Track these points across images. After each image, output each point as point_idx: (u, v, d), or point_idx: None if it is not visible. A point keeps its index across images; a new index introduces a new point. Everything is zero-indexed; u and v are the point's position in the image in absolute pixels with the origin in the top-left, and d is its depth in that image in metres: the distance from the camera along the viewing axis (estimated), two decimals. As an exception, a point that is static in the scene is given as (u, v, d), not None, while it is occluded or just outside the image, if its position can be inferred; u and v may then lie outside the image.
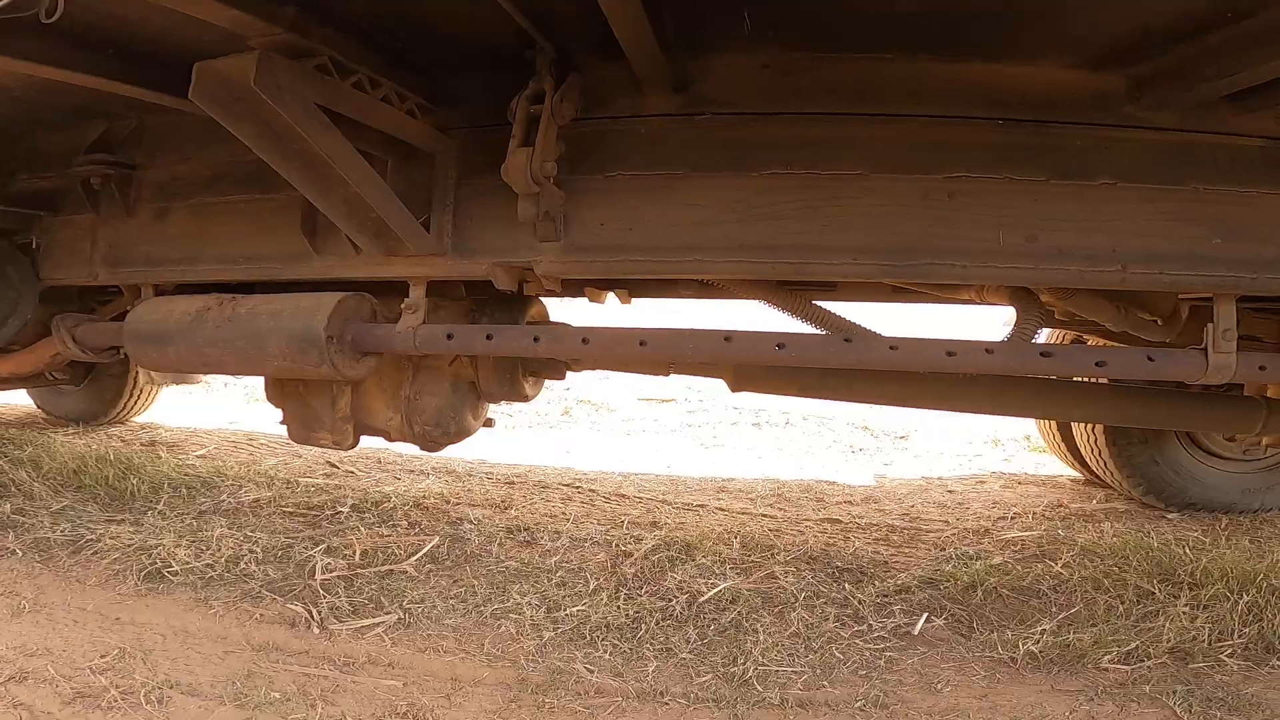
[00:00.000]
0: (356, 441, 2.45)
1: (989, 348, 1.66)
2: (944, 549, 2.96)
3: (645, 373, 2.54)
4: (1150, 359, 1.66)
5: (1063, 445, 3.96)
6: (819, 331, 1.99)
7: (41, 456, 3.65)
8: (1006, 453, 4.85)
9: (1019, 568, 2.71)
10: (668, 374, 2.46)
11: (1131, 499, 3.58)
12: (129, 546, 2.73)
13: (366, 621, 2.33)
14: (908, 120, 1.74)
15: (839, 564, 2.76)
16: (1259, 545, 2.94)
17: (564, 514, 3.33)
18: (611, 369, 2.62)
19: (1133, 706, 1.96)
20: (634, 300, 3.04)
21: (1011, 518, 3.40)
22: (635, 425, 5.70)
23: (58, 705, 1.90)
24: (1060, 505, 3.61)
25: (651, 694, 2.02)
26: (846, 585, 2.57)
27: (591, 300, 2.95)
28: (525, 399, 2.57)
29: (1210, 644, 2.18)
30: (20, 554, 2.74)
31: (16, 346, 2.86)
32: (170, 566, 2.59)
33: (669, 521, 3.22)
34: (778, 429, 5.59)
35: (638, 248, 1.86)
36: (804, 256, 1.76)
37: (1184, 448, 3.41)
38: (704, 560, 2.74)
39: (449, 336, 1.92)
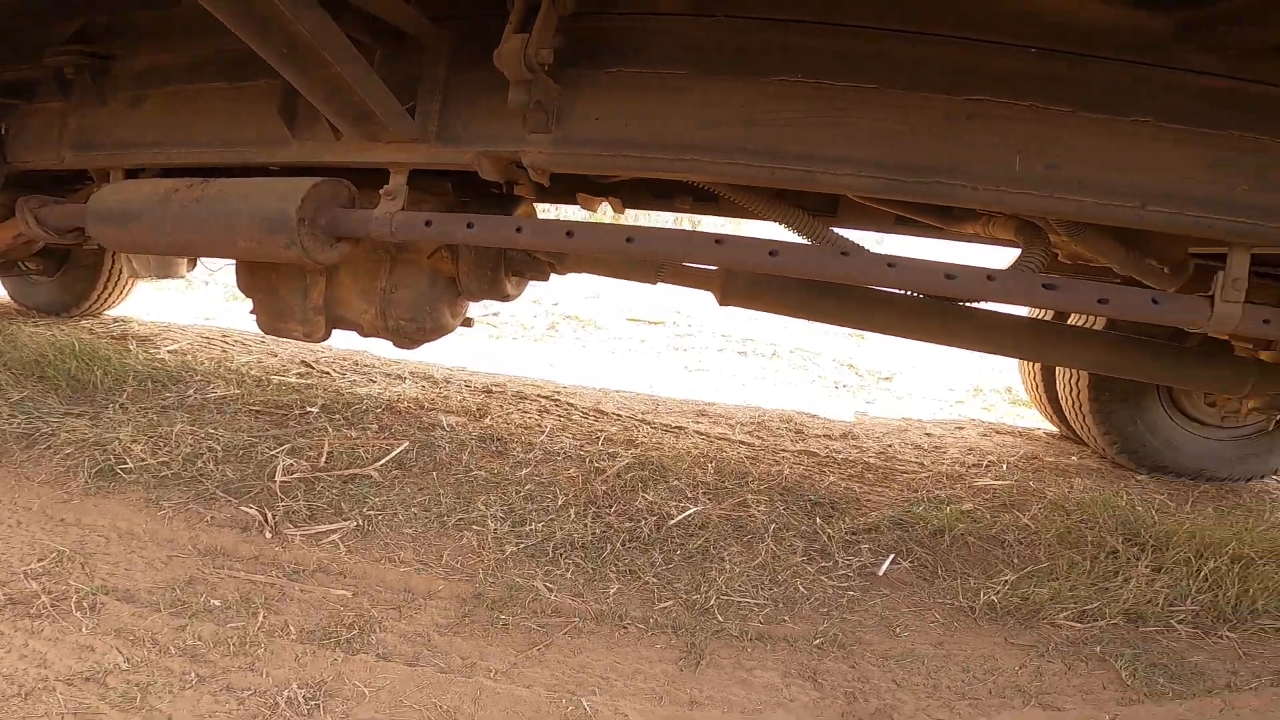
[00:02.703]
0: (328, 334, 2.37)
1: (991, 274, 1.59)
2: (916, 491, 2.96)
3: (632, 278, 2.43)
4: (1155, 301, 1.60)
5: (1044, 397, 3.96)
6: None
7: (4, 346, 3.50)
8: (987, 402, 4.85)
9: (988, 516, 2.71)
10: (655, 282, 2.37)
11: (1104, 457, 3.60)
12: (84, 441, 2.63)
13: (323, 527, 2.27)
14: (933, 40, 1.64)
15: (812, 498, 2.74)
16: (1221, 515, 2.96)
17: (539, 426, 3.28)
18: (597, 272, 2.51)
19: (1080, 666, 1.96)
20: (628, 211, 2.92)
21: (986, 465, 3.41)
22: (621, 345, 5.62)
23: (-16, 612, 1.78)
24: (1035, 457, 3.62)
25: (610, 616, 2.00)
26: (817, 520, 2.55)
27: (584, 207, 2.83)
28: (506, 298, 2.48)
29: (1164, 608, 2.18)
30: (-28, 448, 2.62)
31: (-20, 229, 2.77)
32: (124, 463, 2.50)
33: (645, 441, 3.19)
34: (764, 359, 5.54)
35: (632, 143, 1.75)
36: (809, 165, 1.66)
37: (1165, 410, 3.41)
38: (677, 483, 2.70)
39: (427, 224, 1.82)
